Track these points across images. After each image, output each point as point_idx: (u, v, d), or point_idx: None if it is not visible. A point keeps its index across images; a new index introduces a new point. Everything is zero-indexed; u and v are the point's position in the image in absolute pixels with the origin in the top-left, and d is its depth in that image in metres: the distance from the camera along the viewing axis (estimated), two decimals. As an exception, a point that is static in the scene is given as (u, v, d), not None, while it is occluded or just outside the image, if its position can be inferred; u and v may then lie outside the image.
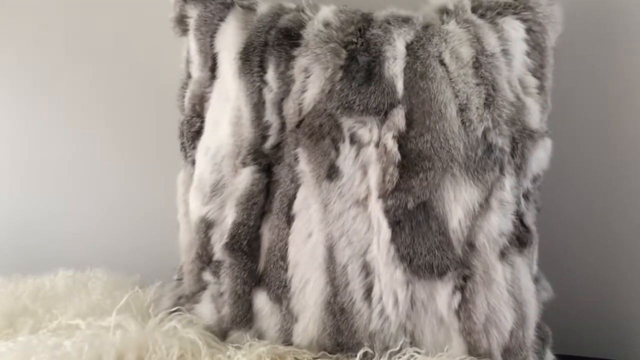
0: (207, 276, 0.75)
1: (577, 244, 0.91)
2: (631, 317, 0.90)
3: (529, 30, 0.72)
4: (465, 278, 0.67)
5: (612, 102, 0.89)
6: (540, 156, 0.72)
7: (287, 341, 0.70)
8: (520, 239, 0.70)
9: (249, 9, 0.76)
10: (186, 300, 0.77)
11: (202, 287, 0.76)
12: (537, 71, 0.73)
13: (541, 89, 0.73)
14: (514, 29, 0.72)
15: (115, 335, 0.66)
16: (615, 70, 0.88)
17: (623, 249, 0.91)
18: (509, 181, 0.68)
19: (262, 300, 0.71)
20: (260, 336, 0.71)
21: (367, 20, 0.73)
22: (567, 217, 0.91)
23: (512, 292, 0.68)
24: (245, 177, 0.71)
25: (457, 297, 0.67)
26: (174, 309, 0.75)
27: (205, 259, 0.75)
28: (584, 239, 0.91)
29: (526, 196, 0.73)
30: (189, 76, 0.79)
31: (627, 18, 0.86)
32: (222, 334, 0.72)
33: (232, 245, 0.71)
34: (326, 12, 0.73)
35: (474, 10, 0.73)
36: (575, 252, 0.91)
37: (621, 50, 0.88)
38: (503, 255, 0.68)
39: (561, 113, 0.80)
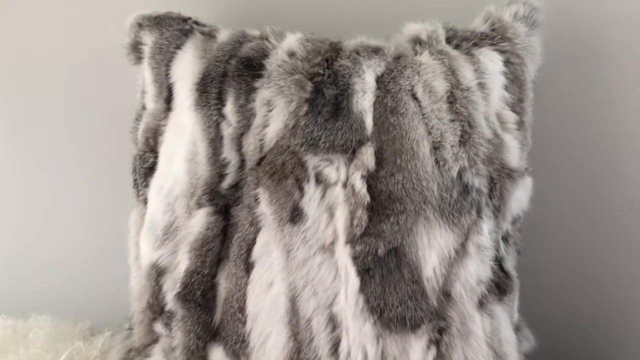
0: (159, 328, 0.68)
1: (562, 288, 0.87)
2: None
3: (507, 63, 0.68)
4: (440, 331, 0.62)
5: (594, 137, 0.85)
6: (520, 196, 0.68)
7: (246, 402, 0.63)
8: (499, 286, 0.65)
9: (210, 35, 0.71)
10: (136, 354, 0.70)
11: (154, 339, 0.69)
12: (516, 106, 0.68)
13: (520, 124, 0.68)
14: (491, 60, 0.67)
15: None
16: (597, 104, 0.85)
17: (612, 293, 0.87)
18: (486, 224, 0.63)
19: (218, 356, 0.64)
20: (216, 396, 0.64)
21: (335, 50, 0.68)
22: (550, 259, 0.87)
23: (491, 344, 0.63)
24: (199, 220, 0.65)
25: (432, 352, 0.61)
26: (122, 364, 0.69)
27: (156, 308, 0.68)
28: (568, 282, 0.87)
29: (506, 239, 0.68)
30: (144, 107, 0.73)
31: (610, 47, 0.84)
32: (174, 393, 0.65)
33: (185, 295, 0.64)
34: (291, 40, 0.68)
35: (448, 40, 0.68)
36: (560, 297, 0.87)
37: (602, 81, 0.84)
38: (481, 304, 0.63)
39: (540, 150, 0.76)
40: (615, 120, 0.85)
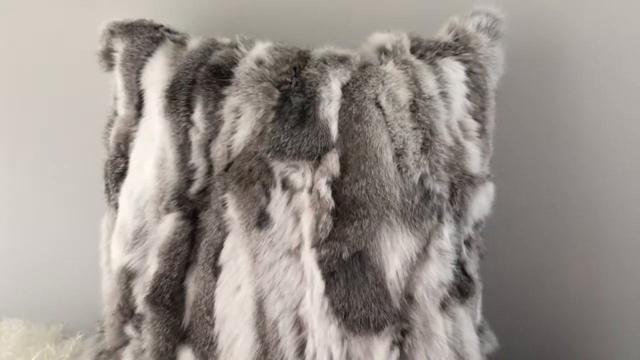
0: (129, 330, 0.69)
1: (524, 290, 0.89)
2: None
3: (469, 72, 0.70)
4: (403, 332, 0.64)
5: (556, 144, 0.88)
6: (481, 202, 0.70)
7: (214, 403, 0.64)
8: (461, 289, 0.67)
9: (181, 43, 0.72)
10: (107, 356, 0.72)
11: (124, 342, 0.70)
12: (478, 114, 0.70)
13: (482, 132, 0.70)
14: (454, 70, 0.69)
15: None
16: (559, 112, 0.87)
17: (577, 294, 0.89)
18: (447, 229, 0.65)
19: (187, 358, 0.66)
20: (185, 397, 0.65)
21: (303, 59, 0.69)
22: (512, 263, 0.89)
23: (453, 346, 0.65)
24: (168, 225, 0.66)
25: (396, 353, 0.63)
26: (92, 366, 0.70)
27: (126, 311, 0.69)
28: (530, 285, 0.89)
29: (468, 243, 0.70)
30: (115, 113, 0.74)
31: (570, 58, 0.86)
32: (143, 394, 0.67)
33: (154, 298, 0.66)
34: (260, 49, 0.69)
35: (413, 50, 0.70)
36: (522, 299, 0.89)
37: (563, 91, 0.87)
38: (444, 307, 0.65)
39: (504, 156, 0.78)
40: (576, 127, 0.87)
